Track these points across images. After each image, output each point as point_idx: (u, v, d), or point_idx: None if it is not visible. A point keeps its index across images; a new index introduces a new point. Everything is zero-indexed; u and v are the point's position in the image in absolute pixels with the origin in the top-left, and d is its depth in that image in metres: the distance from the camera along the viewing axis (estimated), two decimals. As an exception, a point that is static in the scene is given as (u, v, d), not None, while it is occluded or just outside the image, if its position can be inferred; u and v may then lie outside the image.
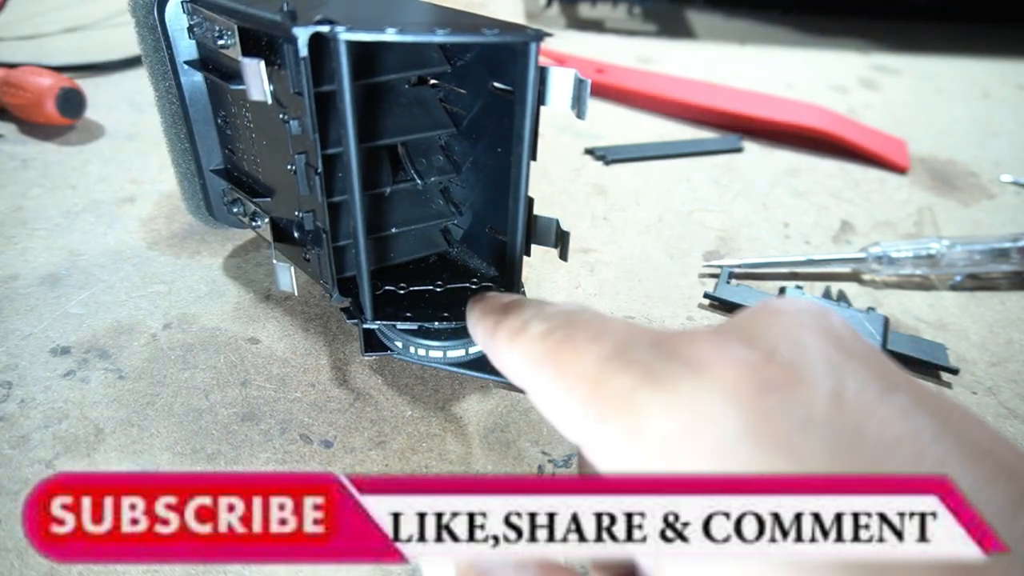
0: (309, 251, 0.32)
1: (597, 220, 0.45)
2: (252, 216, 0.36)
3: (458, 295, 0.33)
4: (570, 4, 0.69)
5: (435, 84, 0.32)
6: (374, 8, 0.29)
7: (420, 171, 0.33)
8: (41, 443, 0.31)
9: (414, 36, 0.24)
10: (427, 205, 0.34)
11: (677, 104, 0.55)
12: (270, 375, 0.34)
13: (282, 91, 0.27)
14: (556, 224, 0.30)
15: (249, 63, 0.27)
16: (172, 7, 0.31)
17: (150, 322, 0.36)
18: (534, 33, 0.24)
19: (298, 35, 0.24)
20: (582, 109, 0.27)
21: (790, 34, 0.68)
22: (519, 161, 0.27)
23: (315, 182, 0.28)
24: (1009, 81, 0.64)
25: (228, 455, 0.31)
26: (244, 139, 0.33)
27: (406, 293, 0.33)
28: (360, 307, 0.31)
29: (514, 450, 0.32)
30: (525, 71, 0.25)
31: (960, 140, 0.56)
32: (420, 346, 0.32)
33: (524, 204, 0.28)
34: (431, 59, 0.29)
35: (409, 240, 0.34)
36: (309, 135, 0.26)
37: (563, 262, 0.32)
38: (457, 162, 0.33)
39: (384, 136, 0.29)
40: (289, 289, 0.33)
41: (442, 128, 0.31)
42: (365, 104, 0.30)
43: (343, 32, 0.23)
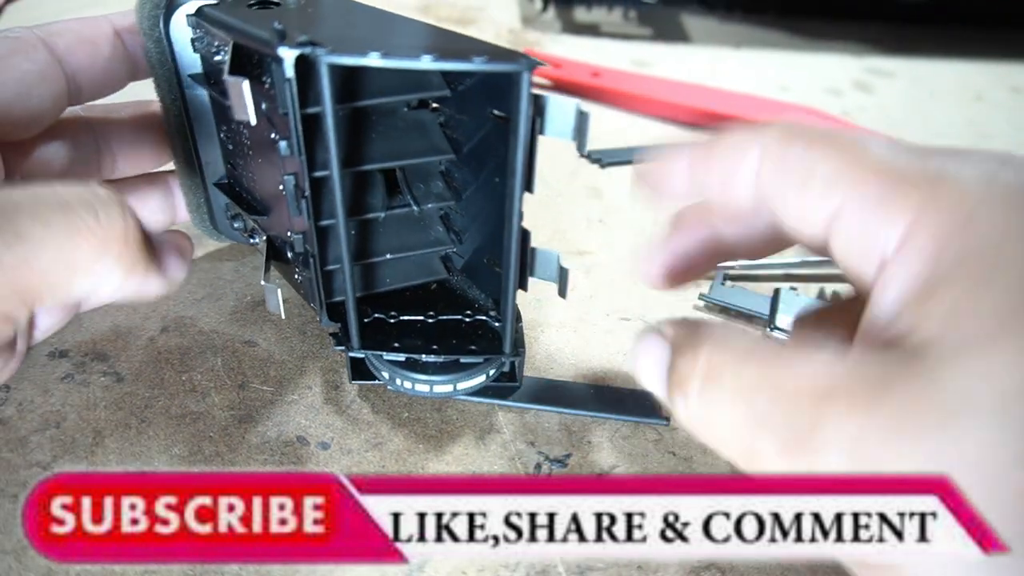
0: (300, 272, 0.32)
1: (593, 223, 0.45)
2: (251, 232, 0.36)
3: (449, 328, 0.32)
4: (566, 8, 0.69)
5: (436, 108, 0.31)
6: (370, 28, 0.28)
7: (417, 197, 0.32)
8: (39, 446, 0.31)
9: (398, 61, 0.23)
10: (425, 232, 0.33)
11: (672, 107, 0.55)
12: (267, 377, 0.34)
13: (273, 110, 0.27)
14: (557, 259, 0.29)
15: (233, 82, 0.26)
16: (178, 20, 0.31)
17: (148, 325, 0.36)
18: (526, 62, 0.23)
19: (284, 56, 0.23)
20: (583, 142, 0.26)
21: (785, 37, 0.69)
22: (512, 193, 0.26)
23: (303, 205, 0.27)
24: (1002, 84, 0.64)
25: (226, 457, 0.31)
26: (243, 155, 0.33)
27: (396, 322, 0.32)
28: (348, 334, 0.30)
29: (511, 450, 0.32)
30: (517, 101, 0.24)
31: (953, 142, 0.56)
32: (407, 378, 0.31)
33: (517, 238, 0.27)
34: (430, 83, 0.29)
35: (406, 266, 0.33)
36: (295, 157, 0.26)
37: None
38: (457, 189, 0.32)
39: (377, 160, 0.29)
40: (277, 311, 0.33)
41: (440, 154, 0.30)
42: (358, 126, 0.29)
43: (325, 56, 0.23)
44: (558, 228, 0.44)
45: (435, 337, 0.31)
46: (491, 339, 0.31)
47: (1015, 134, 0.58)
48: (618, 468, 0.31)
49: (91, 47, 0.30)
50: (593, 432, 0.33)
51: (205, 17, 0.30)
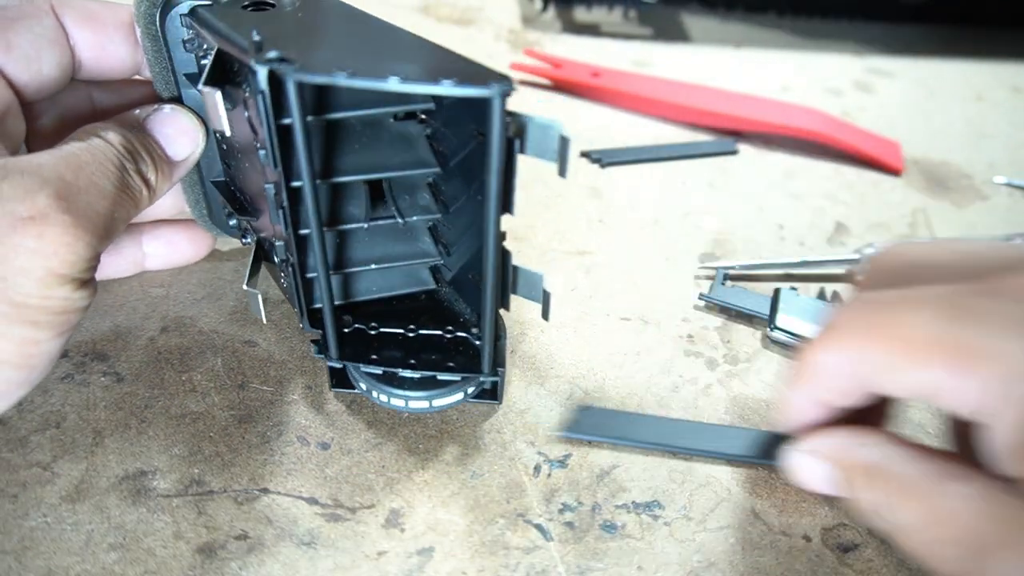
0: (284, 277, 0.32)
1: (592, 223, 0.45)
2: (244, 232, 0.36)
3: (430, 342, 0.32)
4: (566, 8, 0.69)
5: (424, 120, 0.31)
6: (355, 39, 0.28)
7: (403, 208, 0.31)
8: (39, 446, 0.31)
9: (363, 82, 0.23)
10: (411, 243, 0.32)
11: (672, 107, 0.55)
12: (267, 377, 0.34)
13: (255, 119, 0.27)
14: (540, 280, 0.29)
15: (208, 92, 0.26)
16: (175, 19, 0.31)
17: (148, 325, 0.36)
18: (498, 87, 0.23)
19: (258, 70, 0.23)
20: (563, 167, 0.25)
21: (785, 37, 0.69)
22: (488, 216, 0.26)
23: (280, 214, 0.27)
24: (1003, 83, 0.64)
25: (225, 457, 0.31)
26: (234, 157, 0.33)
27: (376, 334, 0.32)
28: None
29: (511, 450, 0.32)
30: (490, 126, 0.24)
31: (954, 142, 0.56)
32: (383, 391, 0.31)
33: (496, 260, 0.27)
34: (414, 96, 0.28)
35: (392, 276, 0.33)
36: (272, 168, 0.26)
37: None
38: (445, 202, 0.31)
39: (357, 171, 0.28)
40: (259, 315, 0.33)
41: (423, 167, 0.29)
42: (341, 137, 0.29)
43: (293, 73, 0.23)
44: (558, 228, 0.44)
45: (414, 351, 0.31)
46: (471, 356, 0.31)
47: (1015, 134, 0.58)
48: (617, 468, 0.31)
49: (98, 25, 0.31)
50: (592, 432, 0.33)
51: (197, 18, 0.30)
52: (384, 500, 0.30)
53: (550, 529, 0.29)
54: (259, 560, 0.28)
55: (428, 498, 0.30)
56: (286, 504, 0.30)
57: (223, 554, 0.28)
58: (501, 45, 0.63)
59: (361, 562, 0.28)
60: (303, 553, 0.28)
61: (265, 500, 0.30)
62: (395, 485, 0.31)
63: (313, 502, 0.30)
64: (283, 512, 0.29)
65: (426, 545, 0.29)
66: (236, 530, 0.29)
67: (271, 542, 0.28)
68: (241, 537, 0.28)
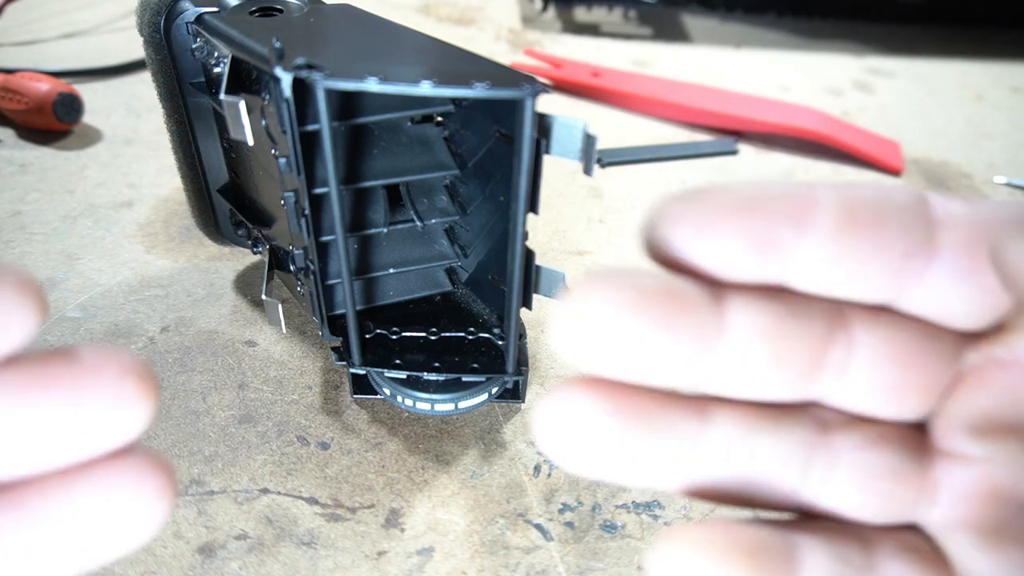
0: (301, 285, 0.32)
1: (593, 222, 0.45)
2: (255, 241, 0.36)
3: (452, 345, 0.31)
4: (566, 8, 0.69)
5: (441, 122, 0.31)
6: (372, 43, 0.28)
7: (421, 211, 0.31)
8: (39, 446, 0.31)
9: (396, 87, 0.23)
10: (429, 245, 0.32)
11: (672, 107, 0.55)
12: (267, 377, 0.34)
13: (273, 126, 0.26)
14: (562, 278, 0.29)
15: (230, 102, 0.26)
16: (179, 27, 0.30)
17: (148, 325, 0.36)
18: (530, 88, 0.23)
19: (281, 77, 0.23)
20: (589, 165, 0.25)
21: (785, 37, 0.69)
22: (515, 216, 0.26)
23: (302, 222, 0.27)
24: (1002, 83, 0.64)
25: (225, 457, 0.31)
26: (245, 166, 0.33)
27: (398, 338, 0.32)
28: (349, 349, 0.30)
29: (511, 450, 0.32)
30: (521, 127, 0.24)
31: (954, 142, 0.56)
32: (408, 396, 0.31)
33: (521, 260, 0.27)
34: (432, 99, 0.28)
35: (409, 279, 0.33)
36: (294, 176, 0.26)
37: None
38: (462, 204, 0.31)
39: (378, 176, 0.28)
40: (278, 326, 0.33)
41: (443, 169, 0.29)
42: (360, 141, 0.29)
43: (322, 80, 0.23)
44: (558, 228, 0.44)
45: (437, 354, 0.31)
46: (494, 357, 0.31)
47: (1015, 134, 0.58)
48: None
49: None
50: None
51: (205, 25, 0.29)
52: (384, 500, 0.30)
53: (550, 529, 0.29)
54: (259, 560, 0.28)
55: (428, 498, 0.30)
56: (286, 504, 0.30)
57: (223, 554, 0.28)
58: (501, 45, 0.63)
59: (361, 562, 0.28)
60: (303, 553, 0.28)
61: (265, 500, 0.30)
62: (395, 485, 0.31)
63: (313, 502, 0.30)
64: (283, 512, 0.29)
65: (426, 545, 0.29)
66: (236, 530, 0.29)
67: (271, 542, 0.28)
68: (241, 537, 0.28)
